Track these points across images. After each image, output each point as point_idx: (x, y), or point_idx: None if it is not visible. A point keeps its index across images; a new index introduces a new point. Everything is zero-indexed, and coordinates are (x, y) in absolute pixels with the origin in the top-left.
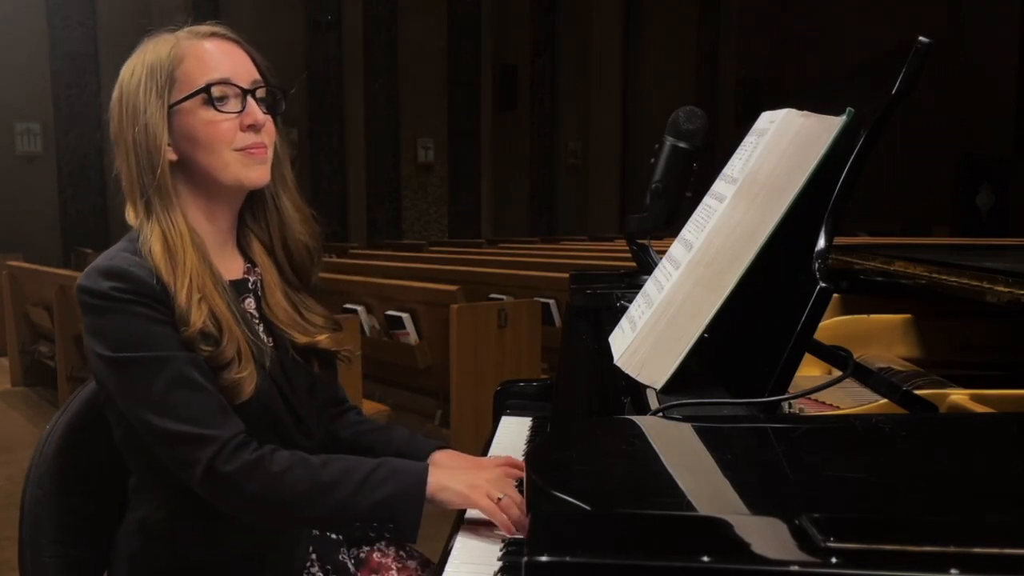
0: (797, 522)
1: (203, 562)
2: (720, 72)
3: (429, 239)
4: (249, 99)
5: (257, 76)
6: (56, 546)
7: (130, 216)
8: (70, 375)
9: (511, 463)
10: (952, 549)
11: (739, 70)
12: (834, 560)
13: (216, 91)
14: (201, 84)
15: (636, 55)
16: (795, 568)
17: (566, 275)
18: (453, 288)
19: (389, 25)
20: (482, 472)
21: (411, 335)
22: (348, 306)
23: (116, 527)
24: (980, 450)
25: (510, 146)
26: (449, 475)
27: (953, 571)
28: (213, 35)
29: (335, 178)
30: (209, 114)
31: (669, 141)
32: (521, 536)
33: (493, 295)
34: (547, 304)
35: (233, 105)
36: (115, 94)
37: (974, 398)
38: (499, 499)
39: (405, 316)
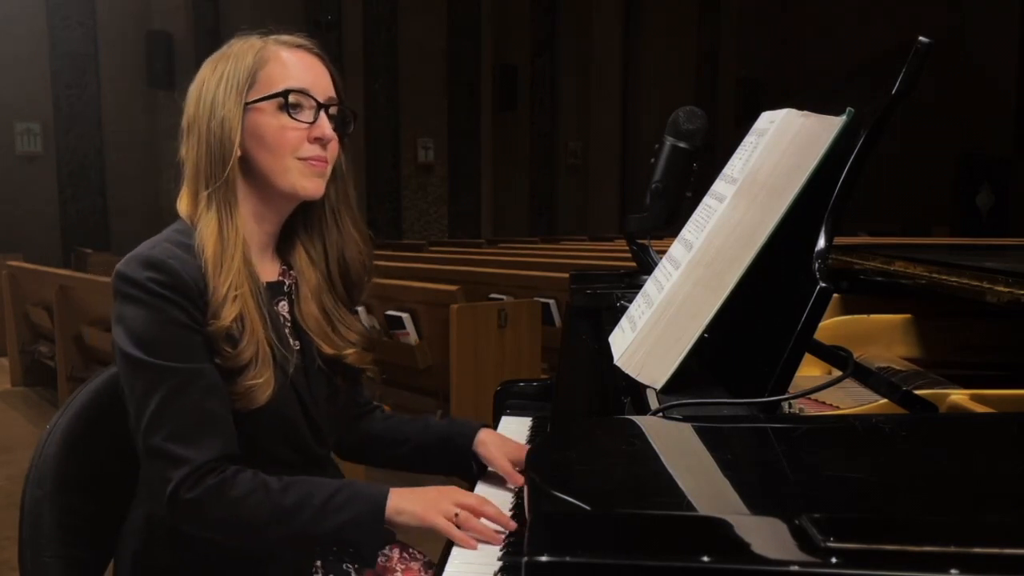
0: (797, 522)
1: (205, 562)
2: (720, 72)
3: (429, 239)
4: (322, 113)
5: (333, 94)
6: (56, 546)
7: (183, 206)
8: (70, 375)
9: None
10: (952, 549)
11: (739, 70)
12: (834, 560)
13: (293, 98)
14: (280, 89)
15: (636, 55)
16: (795, 568)
17: (566, 275)
18: (453, 288)
19: (389, 25)
20: (442, 490)
21: (411, 335)
22: None
23: (117, 527)
24: (980, 450)
25: (510, 146)
26: (407, 497)
27: (953, 571)
28: (300, 47)
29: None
30: (282, 119)
31: (669, 141)
32: (495, 543)
33: (493, 295)
34: (547, 304)
35: (306, 115)
36: (194, 85)
37: (974, 398)
38: (456, 515)
39: (405, 316)
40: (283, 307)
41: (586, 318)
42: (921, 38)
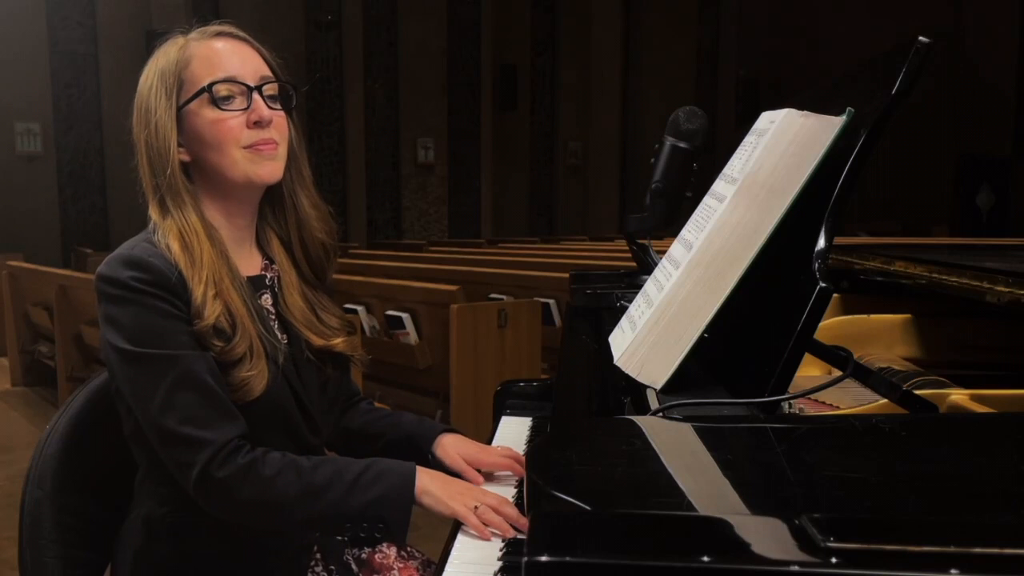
0: (797, 522)
1: (206, 560)
2: (720, 72)
3: (429, 239)
4: (255, 96)
5: (266, 72)
6: (56, 546)
7: (153, 214)
8: (70, 375)
9: (513, 455)
10: (952, 549)
11: (739, 70)
12: (834, 560)
13: (220, 90)
14: (205, 83)
15: (636, 55)
16: (795, 568)
17: (566, 275)
18: (453, 288)
19: (389, 25)
20: (468, 485)
21: (411, 335)
22: (348, 306)
23: (117, 526)
24: (980, 450)
25: (510, 146)
26: (434, 481)
27: (953, 571)
28: (219, 34)
29: (335, 178)
30: (214, 113)
31: (669, 141)
32: (509, 536)
33: (493, 295)
34: (547, 304)
35: (239, 103)
36: (135, 99)
37: (974, 398)
38: (475, 507)
39: (405, 316)
40: (267, 300)
41: (586, 318)
42: (921, 38)
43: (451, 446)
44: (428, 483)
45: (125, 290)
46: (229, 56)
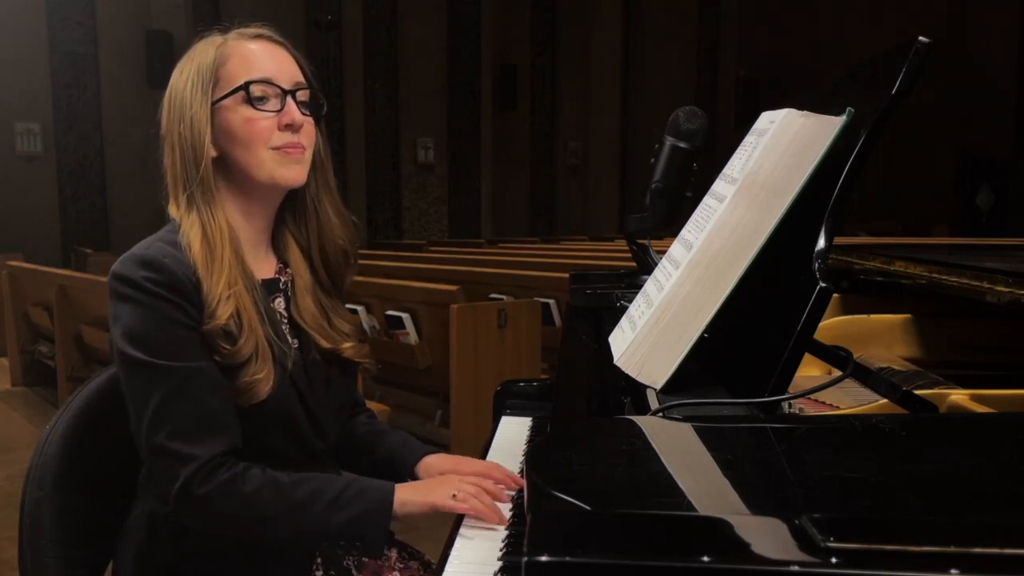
0: (797, 522)
1: (208, 559)
2: (720, 72)
3: (429, 239)
4: (289, 100)
5: (300, 79)
6: (56, 546)
7: (172, 211)
8: (70, 375)
9: (493, 466)
10: (952, 549)
11: (739, 70)
12: (834, 560)
13: (256, 90)
14: (242, 82)
15: (636, 55)
16: (795, 568)
17: (566, 275)
18: (453, 288)
19: (389, 25)
20: (441, 478)
21: (411, 335)
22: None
23: (117, 526)
24: (980, 450)
25: (510, 146)
26: (410, 490)
27: (953, 571)
28: (259, 37)
29: (335, 178)
30: (248, 111)
31: (669, 141)
32: (494, 522)
33: (493, 295)
34: (547, 304)
35: (272, 104)
36: (166, 92)
37: (974, 398)
38: (454, 495)
39: (405, 316)
40: (279, 304)
41: (586, 318)
42: (921, 38)
43: (433, 465)
44: (406, 494)
45: (136, 290)
46: (267, 58)
